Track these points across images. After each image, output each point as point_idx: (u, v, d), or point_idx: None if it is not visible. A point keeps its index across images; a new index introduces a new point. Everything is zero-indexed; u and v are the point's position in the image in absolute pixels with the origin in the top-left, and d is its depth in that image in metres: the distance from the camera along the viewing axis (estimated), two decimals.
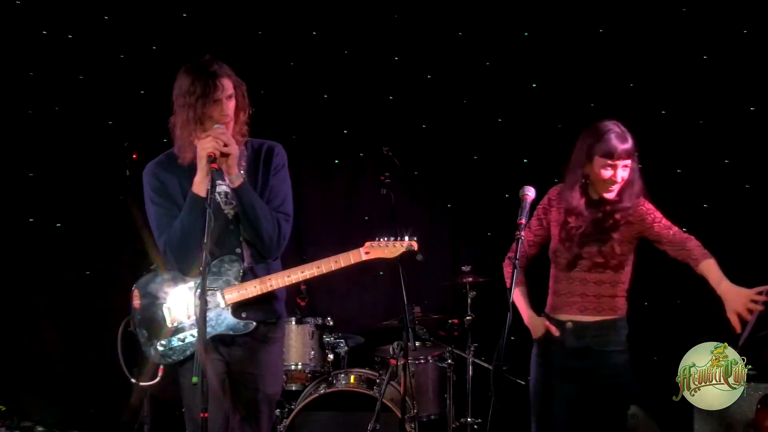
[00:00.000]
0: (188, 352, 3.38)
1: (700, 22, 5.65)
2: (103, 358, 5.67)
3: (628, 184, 3.52)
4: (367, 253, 3.43)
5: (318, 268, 3.40)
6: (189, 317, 3.40)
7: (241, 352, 3.43)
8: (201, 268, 3.07)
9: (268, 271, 3.45)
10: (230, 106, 3.37)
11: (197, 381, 2.99)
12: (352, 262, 3.42)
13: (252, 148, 3.53)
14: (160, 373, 3.46)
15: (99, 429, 5.71)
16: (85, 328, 5.71)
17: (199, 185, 3.29)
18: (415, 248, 3.49)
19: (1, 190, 5.76)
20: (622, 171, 3.49)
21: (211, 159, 3.22)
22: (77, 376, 5.72)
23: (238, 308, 3.40)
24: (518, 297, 3.71)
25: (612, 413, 3.54)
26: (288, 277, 3.41)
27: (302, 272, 3.41)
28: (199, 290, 3.09)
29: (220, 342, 3.40)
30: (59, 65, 5.84)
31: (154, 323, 3.42)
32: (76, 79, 5.88)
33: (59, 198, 5.82)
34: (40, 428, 5.44)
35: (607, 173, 3.49)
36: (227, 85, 3.35)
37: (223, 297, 3.39)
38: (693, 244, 3.52)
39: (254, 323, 3.40)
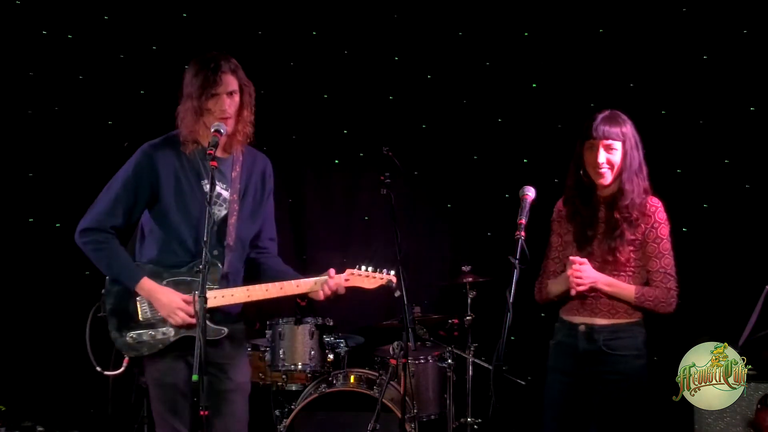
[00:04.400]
0: (158, 348, 3.38)
1: (700, 22, 5.65)
2: (103, 358, 5.67)
3: (624, 169, 3.47)
4: (347, 280, 3.50)
5: (297, 286, 3.45)
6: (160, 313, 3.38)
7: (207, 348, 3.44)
8: (201, 267, 3.09)
9: (240, 278, 3.50)
10: (230, 102, 3.36)
11: (197, 379, 3.00)
12: (331, 287, 3.47)
13: (250, 156, 3.54)
14: (124, 364, 3.44)
15: (99, 429, 5.70)
16: (84, 328, 5.69)
17: (147, 293, 3.37)
18: (394, 282, 3.54)
19: (1, 190, 5.76)
20: (606, 152, 3.46)
21: (211, 157, 3.22)
22: (77, 376, 5.71)
23: (210, 311, 3.33)
24: None
25: (625, 418, 3.48)
26: (266, 290, 3.44)
27: (281, 288, 3.44)
28: (197, 289, 3.11)
29: (186, 342, 3.38)
30: (59, 65, 5.83)
31: (125, 314, 3.41)
32: (76, 79, 5.87)
33: (59, 198, 5.81)
34: (40, 428, 5.43)
35: (590, 155, 3.48)
36: (228, 81, 3.35)
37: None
38: (662, 292, 3.50)
39: (225, 330, 3.41)
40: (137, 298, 3.41)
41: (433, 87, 6.04)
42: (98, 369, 3.51)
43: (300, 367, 5.05)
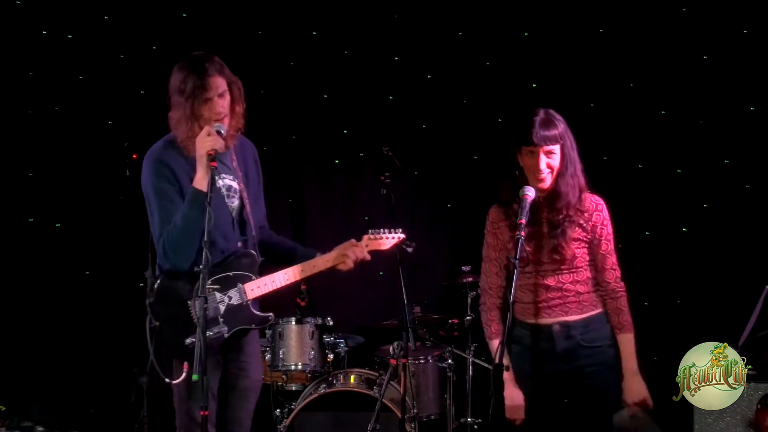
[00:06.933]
0: (214, 347, 3.42)
1: (700, 22, 5.65)
2: (103, 358, 5.68)
3: (562, 170, 3.47)
4: (366, 246, 3.65)
5: (328, 261, 3.61)
6: (213, 313, 3.42)
7: (231, 344, 3.51)
8: (202, 267, 3.09)
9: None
10: (222, 103, 3.39)
11: (197, 378, 3.02)
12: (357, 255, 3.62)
13: (240, 143, 3.60)
14: (185, 370, 3.34)
15: (99, 429, 5.71)
16: (84, 328, 5.70)
17: (201, 181, 3.32)
18: (404, 237, 3.72)
19: (1, 190, 5.76)
20: (546, 158, 3.46)
21: (211, 157, 3.24)
22: (77, 376, 5.72)
23: (255, 301, 3.52)
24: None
25: (603, 410, 3.53)
26: (302, 270, 3.56)
27: (314, 266, 3.58)
28: (199, 289, 3.13)
29: (235, 335, 3.48)
30: (59, 65, 5.83)
31: (179, 320, 3.41)
32: (76, 79, 5.87)
33: (59, 198, 5.81)
34: (40, 428, 5.43)
35: (530, 161, 3.47)
36: (218, 83, 3.38)
37: (245, 292, 3.44)
38: (624, 303, 3.53)
39: (272, 315, 3.55)
40: (188, 303, 3.41)
41: (433, 87, 6.04)
42: (167, 380, 3.43)
43: (300, 367, 5.04)
